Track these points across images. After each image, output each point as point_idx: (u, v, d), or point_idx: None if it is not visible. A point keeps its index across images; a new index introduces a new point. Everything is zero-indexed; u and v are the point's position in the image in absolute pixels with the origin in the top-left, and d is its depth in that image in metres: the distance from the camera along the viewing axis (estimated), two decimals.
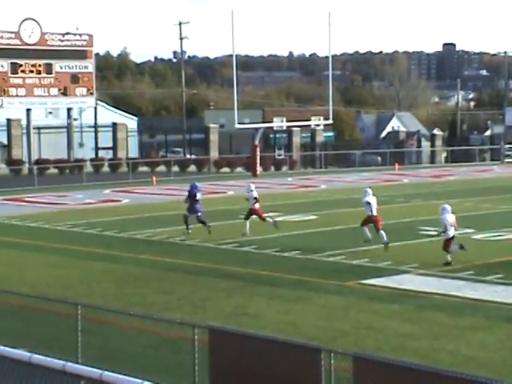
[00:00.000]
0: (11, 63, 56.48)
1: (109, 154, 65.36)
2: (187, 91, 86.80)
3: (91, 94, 60.59)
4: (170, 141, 73.51)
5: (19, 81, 56.99)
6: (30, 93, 57.52)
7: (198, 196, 29.07)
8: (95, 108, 65.05)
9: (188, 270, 22.99)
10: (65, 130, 61.94)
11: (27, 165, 58.13)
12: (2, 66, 56.19)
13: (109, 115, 75.27)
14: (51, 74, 58.20)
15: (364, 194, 26.45)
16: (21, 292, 17.01)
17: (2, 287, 17.81)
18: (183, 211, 29.45)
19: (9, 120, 60.82)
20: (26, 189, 46.75)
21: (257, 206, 28.82)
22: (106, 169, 61.21)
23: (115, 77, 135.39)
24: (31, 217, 34.79)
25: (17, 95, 57.03)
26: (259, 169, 59.37)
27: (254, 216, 28.92)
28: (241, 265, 23.46)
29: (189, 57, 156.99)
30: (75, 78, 59.27)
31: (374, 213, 25.93)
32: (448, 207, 23.34)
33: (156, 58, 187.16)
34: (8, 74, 56.45)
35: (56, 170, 58.61)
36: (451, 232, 22.99)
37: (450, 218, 23.05)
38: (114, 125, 66.41)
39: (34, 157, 59.88)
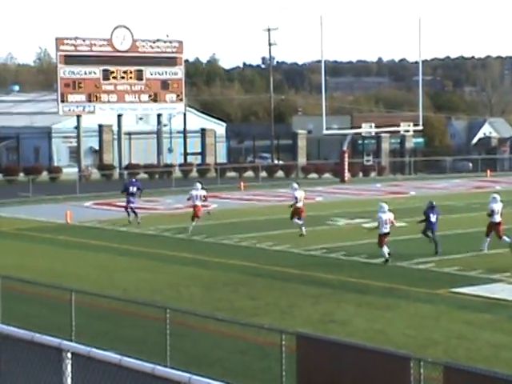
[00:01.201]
0: (103, 70, 57.55)
1: (197, 160, 65.96)
2: (275, 97, 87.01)
3: (181, 100, 61.26)
4: (258, 146, 73.78)
5: (111, 87, 58.03)
6: (121, 99, 58.50)
7: (131, 190, 34.79)
8: (184, 114, 65.67)
9: (275, 275, 22.99)
10: (154, 135, 62.79)
11: (118, 170, 59.08)
12: (95, 73, 57.28)
13: (198, 121, 75.96)
14: (142, 80, 59.09)
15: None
16: (111, 295, 17.26)
17: (93, 290, 18.10)
18: (269, 217, 29.49)
19: (100, 126, 61.99)
20: (117, 193, 47.43)
21: (198, 203, 31.93)
22: (194, 174, 61.77)
23: (204, 83, 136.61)
24: (121, 221, 35.31)
25: (108, 101, 58.08)
26: (347, 175, 59.08)
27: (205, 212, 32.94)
28: (329, 271, 23.35)
29: (277, 63, 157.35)
30: (165, 85, 60.04)
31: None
32: (385, 206, 25.26)
33: (245, 64, 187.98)
34: (100, 80, 57.53)
35: (146, 175, 59.40)
36: (386, 229, 24.75)
37: (386, 216, 24.86)
38: (203, 130, 67.00)
39: (125, 162, 60.84)
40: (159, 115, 61.35)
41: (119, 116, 59.38)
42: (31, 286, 18.05)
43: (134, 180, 37.78)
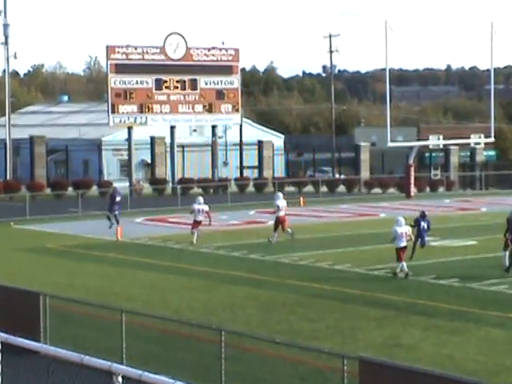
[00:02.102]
0: (156, 79, 58.01)
1: (254, 173, 66.08)
2: (337, 107, 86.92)
3: (237, 110, 61.46)
4: (318, 159, 73.74)
5: (163, 97, 58.47)
6: (175, 110, 58.89)
7: (117, 199, 38.20)
8: (240, 125, 65.91)
9: (336, 296, 22.93)
10: (209, 148, 63.08)
11: (171, 184, 59.42)
12: (147, 82, 57.79)
13: (254, 133, 76.24)
14: (196, 90, 59.44)
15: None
16: (163, 316, 17.37)
17: (144, 311, 18.25)
18: (329, 234, 29.38)
19: (152, 138, 62.39)
20: (170, 209, 47.79)
21: (200, 218, 34.01)
22: (250, 189, 61.85)
23: (261, 92, 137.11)
24: (174, 238, 35.53)
25: (161, 112, 58.50)
26: (413, 190, 58.73)
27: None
28: (393, 292, 23.22)
29: (339, 71, 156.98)
30: (220, 94, 60.30)
31: None
32: (402, 220, 26.36)
33: (304, 72, 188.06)
34: (152, 90, 57.98)
35: (200, 190, 59.67)
36: (402, 243, 25.91)
37: (401, 230, 25.98)
38: (260, 143, 67.10)
39: (178, 175, 61.21)
40: (214, 127, 61.64)
41: (172, 127, 59.80)
42: (80, 306, 18.25)
43: (118, 189, 40.83)
